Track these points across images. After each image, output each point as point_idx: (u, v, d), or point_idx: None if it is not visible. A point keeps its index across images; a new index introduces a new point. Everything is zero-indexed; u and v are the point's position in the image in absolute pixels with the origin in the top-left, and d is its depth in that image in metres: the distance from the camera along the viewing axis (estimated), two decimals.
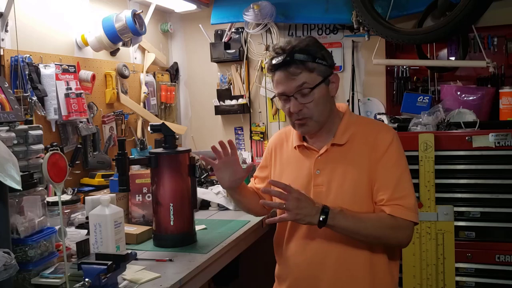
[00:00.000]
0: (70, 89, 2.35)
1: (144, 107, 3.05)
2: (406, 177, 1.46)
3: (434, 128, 2.29)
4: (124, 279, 1.46)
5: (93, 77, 2.52)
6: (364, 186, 1.45)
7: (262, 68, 3.24)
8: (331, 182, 1.47)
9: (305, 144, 1.55)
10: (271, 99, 1.54)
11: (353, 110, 3.00)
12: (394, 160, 1.45)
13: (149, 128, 1.86)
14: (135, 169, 2.53)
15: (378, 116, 2.76)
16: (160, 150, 1.82)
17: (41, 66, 2.25)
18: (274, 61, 1.45)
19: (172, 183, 1.79)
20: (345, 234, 1.40)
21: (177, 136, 1.72)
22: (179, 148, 1.85)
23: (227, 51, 3.26)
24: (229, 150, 1.62)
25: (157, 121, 3.13)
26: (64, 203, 1.98)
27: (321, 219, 1.35)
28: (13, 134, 1.71)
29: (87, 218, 1.85)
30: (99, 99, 2.68)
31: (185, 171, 1.82)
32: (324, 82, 1.45)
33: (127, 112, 2.87)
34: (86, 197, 1.97)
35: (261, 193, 1.66)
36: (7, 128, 1.71)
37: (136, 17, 2.55)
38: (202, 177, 2.79)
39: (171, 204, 1.77)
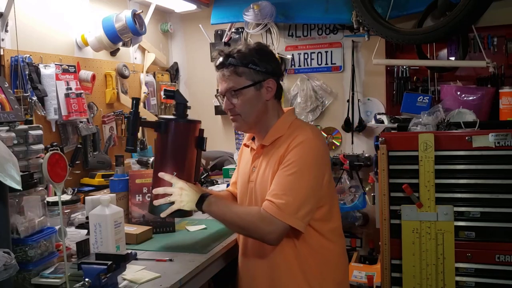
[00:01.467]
0: (70, 89, 2.35)
1: (144, 107, 3.06)
2: (297, 178, 1.49)
3: (434, 128, 2.29)
4: (124, 279, 1.46)
5: (93, 77, 2.52)
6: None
7: None
8: (258, 179, 1.63)
9: (248, 142, 1.74)
10: (215, 96, 1.84)
11: (353, 110, 3.01)
12: (291, 161, 1.51)
13: (162, 93, 1.85)
14: (135, 169, 2.54)
15: (378, 116, 2.77)
16: (171, 116, 1.75)
17: (41, 66, 2.25)
18: (216, 63, 1.63)
19: (178, 152, 1.70)
20: (216, 219, 1.59)
21: (189, 106, 1.74)
22: (190, 117, 1.81)
23: None
24: None
25: None
26: (64, 203, 1.98)
27: (197, 204, 1.56)
28: (13, 134, 1.71)
29: (87, 218, 1.85)
30: (99, 99, 2.68)
31: (193, 142, 1.78)
32: (254, 86, 1.59)
33: (127, 112, 2.87)
34: (86, 197, 1.97)
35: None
36: (7, 128, 1.71)
37: (136, 17, 2.55)
38: (202, 177, 2.79)
39: (174, 173, 1.65)
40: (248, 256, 1.69)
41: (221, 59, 1.60)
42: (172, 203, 1.59)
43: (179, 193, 1.57)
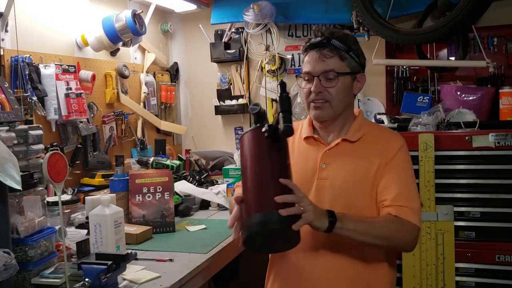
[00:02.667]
0: (70, 89, 2.35)
1: (144, 107, 3.06)
2: (413, 183, 1.47)
3: (434, 128, 2.29)
4: (124, 279, 1.46)
5: (93, 77, 2.52)
6: (368, 186, 1.44)
7: (262, 68, 3.24)
8: (335, 177, 1.46)
9: (315, 136, 1.54)
10: (296, 77, 1.47)
11: None
12: (402, 164, 1.46)
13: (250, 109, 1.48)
14: (135, 169, 2.54)
15: (378, 116, 2.76)
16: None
17: (41, 66, 2.25)
18: (312, 41, 1.47)
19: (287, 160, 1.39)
20: (353, 237, 1.34)
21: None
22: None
23: (227, 51, 3.26)
24: None
25: (157, 121, 3.14)
26: (64, 203, 1.98)
27: (330, 219, 1.29)
28: (13, 134, 1.71)
29: (87, 218, 1.85)
30: (99, 99, 2.68)
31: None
32: (351, 76, 1.47)
33: (127, 112, 2.87)
34: (86, 197, 1.97)
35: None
36: (7, 128, 1.71)
37: (136, 17, 2.55)
38: (202, 177, 2.79)
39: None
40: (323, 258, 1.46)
41: (322, 37, 1.45)
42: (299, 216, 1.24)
43: (311, 203, 1.27)
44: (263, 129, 1.27)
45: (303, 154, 1.54)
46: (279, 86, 1.35)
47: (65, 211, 1.98)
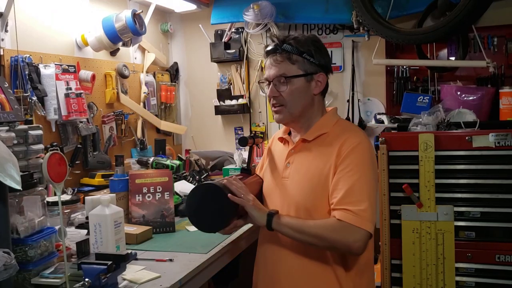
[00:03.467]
0: (70, 89, 2.35)
1: (144, 107, 3.06)
2: (363, 183, 1.43)
3: (434, 128, 2.29)
4: (124, 279, 1.46)
5: (93, 77, 2.52)
6: (320, 186, 1.47)
7: (262, 68, 3.23)
8: (294, 175, 1.54)
9: (284, 136, 1.63)
10: (258, 83, 1.68)
11: (353, 110, 3.01)
12: (353, 165, 1.44)
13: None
14: (135, 169, 2.54)
15: (378, 116, 2.76)
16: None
17: (41, 66, 2.25)
18: (267, 48, 1.55)
19: None
20: (290, 234, 1.44)
21: None
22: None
23: (227, 51, 3.26)
24: None
25: (157, 121, 3.14)
26: (64, 203, 1.98)
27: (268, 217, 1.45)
28: (13, 134, 1.71)
29: (87, 218, 1.85)
30: (99, 99, 2.68)
31: None
32: (305, 77, 1.51)
33: (127, 112, 2.87)
34: (86, 197, 1.97)
35: None
36: (7, 128, 1.71)
37: (136, 17, 2.55)
38: (202, 177, 2.79)
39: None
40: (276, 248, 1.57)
41: (274, 44, 1.52)
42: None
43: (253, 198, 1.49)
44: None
45: (277, 154, 1.66)
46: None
47: (65, 211, 1.98)
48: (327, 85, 1.59)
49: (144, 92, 3.03)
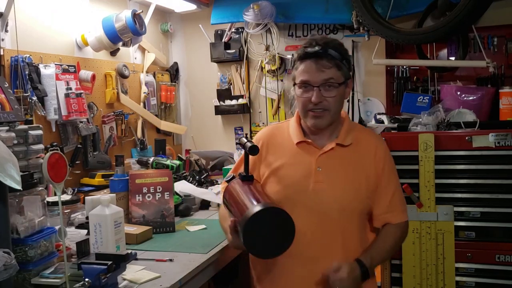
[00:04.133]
0: (70, 89, 2.35)
1: (144, 107, 3.06)
2: (398, 184, 1.62)
3: (434, 128, 2.29)
4: (124, 279, 1.46)
5: (93, 77, 2.52)
6: (364, 191, 1.52)
7: (262, 68, 3.24)
8: (333, 179, 1.51)
9: (308, 140, 1.56)
10: (293, 85, 1.50)
11: (353, 110, 3.01)
12: (390, 170, 1.58)
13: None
14: (135, 169, 2.54)
15: (378, 116, 2.76)
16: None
17: (41, 66, 2.25)
18: (308, 50, 1.48)
19: None
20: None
21: None
22: None
23: (227, 51, 3.26)
24: None
25: (157, 121, 3.14)
26: (64, 203, 1.98)
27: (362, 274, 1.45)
28: (13, 134, 1.71)
29: (87, 218, 1.85)
30: (99, 99, 2.68)
31: None
32: (344, 84, 1.51)
33: (127, 112, 2.87)
34: (86, 197, 1.97)
35: None
36: (7, 128, 1.71)
37: (136, 17, 2.55)
38: (202, 177, 2.79)
39: None
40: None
41: (319, 47, 1.47)
42: None
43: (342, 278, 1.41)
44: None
45: (297, 157, 1.57)
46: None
47: (65, 211, 1.98)
48: None
49: (144, 92, 3.03)
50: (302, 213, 1.46)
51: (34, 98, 2.15)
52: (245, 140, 1.48)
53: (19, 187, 1.25)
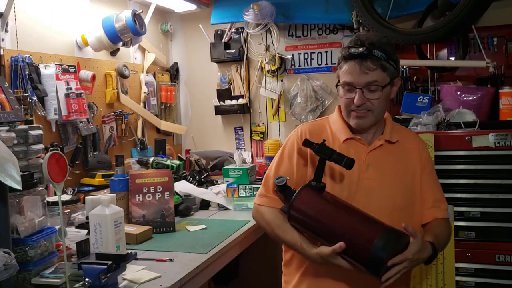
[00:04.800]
0: (70, 89, 2.35)
1: (144, 107, 3.06)
2: (438, 182, 1.64)
3: (434, 128, 2.29)
4: (124, 279, 1.46)
5: (93, 77, 2.52)
6: (412, 189, 1.54)
7: (262, 68, 3.24)
8: (383, 177, 1.50)
9: (356, 137, 1.54)
10: (336, 86, 1.47)
11: None
12: (431, 168, 1.62)
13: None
14: (135, 169, 2.54)
15: None
16: None
17: (41, 66, 2.25)
18: (352, 50, 1.45)
19: None
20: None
21: None
22: None
23: (227, 51, 3.26)
24: None
25: (157, 121, 3.14)
26: (64, 203, 1.98)
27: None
28: (13, 134, 1.71)
29: (87, 218, 1.85)
30: (99, 99, 2.68)
31: None
32: (390, 84, 1.49)
33: (127, 112, 2.87)
34: (86, 197, 1.97)
35: None
36: (7, 128, 1.71)
37: (136, 17, 2.55)
38: (202, 177, 2.79)
39: None
40: None
41: (362, 48, 1.43)
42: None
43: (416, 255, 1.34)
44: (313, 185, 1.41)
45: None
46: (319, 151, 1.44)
47: (65, 211, 1.98)
48: None
49: (144, 92, 3.03)
50: (364, 209, 1.42)
51: (34, 98, 2.15)
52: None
53: (19, 187, 1.25)
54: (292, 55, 3.18)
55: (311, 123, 1.65)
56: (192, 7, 3.09)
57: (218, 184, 2.71)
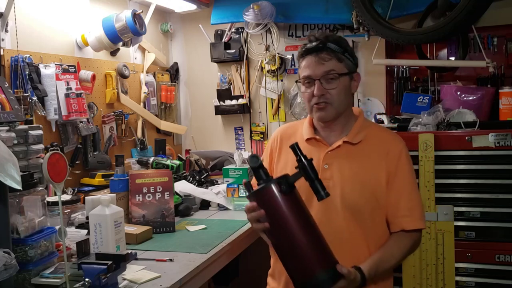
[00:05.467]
0: (70, 89, 2.35)
1: (144, 107, 3.06)
2: (416, 187, 1.55)
3: (434, 128, 2.29)
4: (124, 279, 1.46)
5: (93, 77, 2.52)
6: (372, 190, 1.48)
7: (262, 68, 3.24)
8: (339, 177, 1.50)
9: (316, 137, 1.57)
10: (296, 82, 1.54)
11: None
12: (406, 171, 1.51)
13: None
14: (135, 169, 2.54)
15: (378, 116, 2.76)
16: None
17: (41, 66, 2.25)
18: (307, 46, 1.50)
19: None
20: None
21: None
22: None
23: (227, 51, 3.26)
24: None
25: (157, 121, 3.14)
26: (64, 203, 1.98)
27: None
28: (13, 134, 1.71)
29: (87, 218, 1.85)
30: (99, 99, 2.68)
31: None
32: (348, 76, 1.51)
33: (127, 112, 2.87)
34: (86, 197, 1.97)
35: None
36: (7, 128, 1.71)
37: (136, 17, 2.55)
38: (202, 177, 2.79)
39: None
40: None
41: (316, 42, 1.49)
42: None
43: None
44: (282, 188, 1.27)
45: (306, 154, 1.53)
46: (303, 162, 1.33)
47: (65, 211, 1.98)
48: None
49: (144, 92, 3.03)
50: (316, 209, 1.44)
51: (34, 98, 2.15)
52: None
53: (19, 187, 1.25)
54: (292, 55, 3.18)
55: (287, 125, 1.72)
56: (192, 7, 3.09)
57: (218, 184, 2.71)
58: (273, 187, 1.28)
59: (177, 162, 2.48)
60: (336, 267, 1.26)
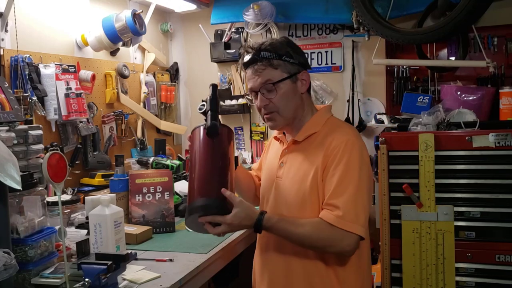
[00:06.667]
0: (70, 89, 2.35)
1: (144, 107, 3.06)
2: (351, 180, 1.43)
3: (434, 128, 2.29)
4: (124, 279, 1.46)
5: (93, 77, 2.52)
6: (308, 186, 1.47)
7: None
8: (287, 175, 1.55)
9: (279, 136, 1.65)
10: (244, 96, 1.68)
11: (353, 110, 3.01)
12: (341, 164, 1.43)
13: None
14: (135, 169, 2.54)
15: (378, 116, 2.77)
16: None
17: (41, 66, 2.25)
18: (244, 60, 1.54)
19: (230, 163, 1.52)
20: (279, 234, 1.45)
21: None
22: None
23: (227, 51, 3.26)
24: None
25: (157, 121, 3.14)
26: (64, 203, 1.98)
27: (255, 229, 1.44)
28: (13, 134, 1.71)
29: (87, 218, 1.85)
30: (99, 99, 2.68)
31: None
32: (290, 79, 1.51)
33: (127, 112, 2.87)
34: (86, 197, 1.97)
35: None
36: (7, 128, 1.71)
37: (136, 17, 2.55)
38: None
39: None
40: (272, 254, 1.57)
41: (251, 54, 1.50)
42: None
43: (235, 221, 1.39)
44: (204, 127, 1.47)
45: (273, 153, 1.68)
46: (210, 87, 1.59)
47: (65, 211, 1.98)
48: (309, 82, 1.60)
49: (144, 92, 3.03)
50: (269, 207, 1.57)
51: (34, 98, 2.15)
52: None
53: (19, 187, 1.25)
54: None
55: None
56: (192, 7, 3.09)
57: None
58: (203, 129, 1.48)
59: (177, 162, 2.48)
60: (222, 199, 1.37)
